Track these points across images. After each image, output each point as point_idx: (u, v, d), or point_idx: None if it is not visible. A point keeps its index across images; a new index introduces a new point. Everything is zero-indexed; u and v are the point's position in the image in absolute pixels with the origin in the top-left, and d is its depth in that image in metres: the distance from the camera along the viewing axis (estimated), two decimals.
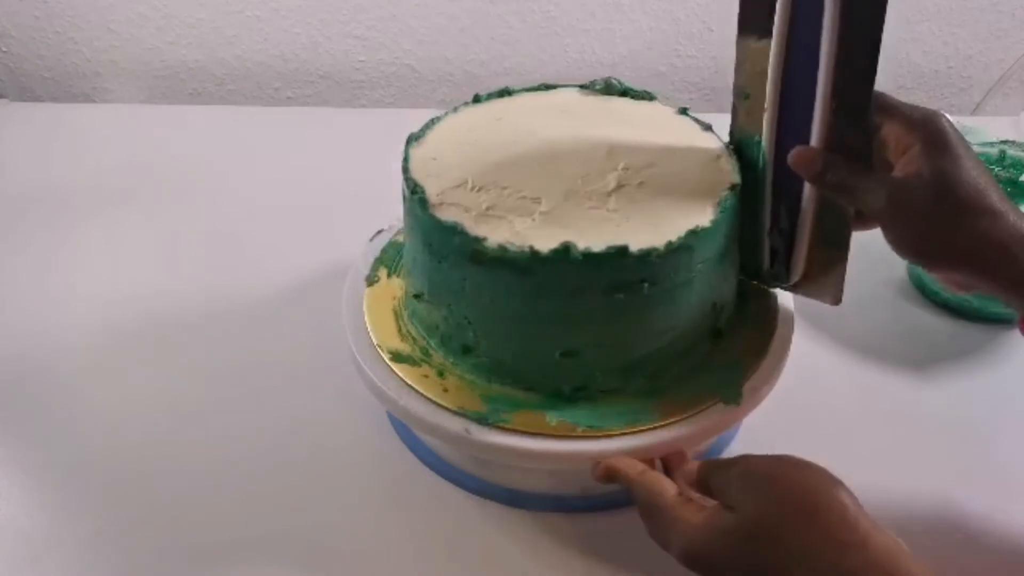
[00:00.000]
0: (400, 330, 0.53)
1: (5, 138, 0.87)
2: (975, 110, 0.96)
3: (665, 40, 0.93)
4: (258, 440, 0.57)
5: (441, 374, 0.50)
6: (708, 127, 0.53)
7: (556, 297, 0.46)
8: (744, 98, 0.49)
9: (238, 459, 0.56)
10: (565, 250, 0.44)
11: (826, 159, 0.46)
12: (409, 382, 0.50)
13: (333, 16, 0.92)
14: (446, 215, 0.47)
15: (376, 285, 0.56)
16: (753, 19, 0.46)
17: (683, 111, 0.55)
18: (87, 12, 0.92)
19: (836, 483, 0.40)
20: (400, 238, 0.59)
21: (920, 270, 0.66)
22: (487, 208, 0.47)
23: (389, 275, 0.57)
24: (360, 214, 0.62)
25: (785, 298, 0.55)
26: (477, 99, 0.56)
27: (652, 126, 0.54)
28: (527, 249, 0.44)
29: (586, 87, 0.58)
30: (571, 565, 0.50)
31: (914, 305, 0.68)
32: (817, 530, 0.38)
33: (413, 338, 0.53)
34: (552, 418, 0.48)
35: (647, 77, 0.95)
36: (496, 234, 0.45)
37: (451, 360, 0.51)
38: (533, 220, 0.46)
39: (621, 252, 0.44)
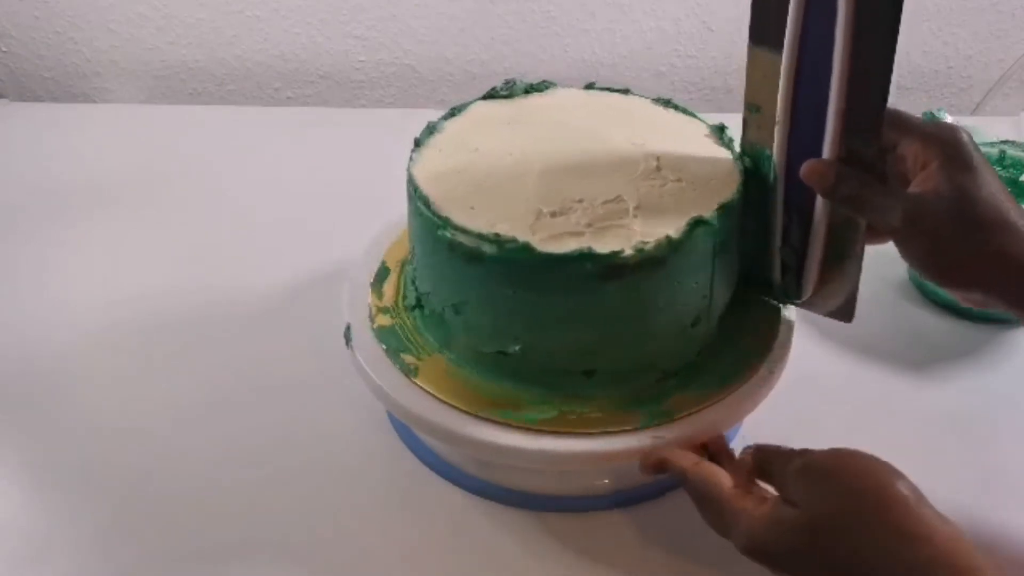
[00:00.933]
0: (401, 329, 0.53)
1: (5, 138, 0.87)
2: (975, 110, 0.96)
3: (665, 40, 0.93)
4: (258, 440, 0.57)
5: (442, 373, 0.50)
6: (722, 128, 0.53)
7: (559, 297, 0.46)
8: (754, 111, 0.48)
9: (238, 459, 0.56)
10: (579, 254, 0.44)
11: (839, 172, 0.45)
12: (409, 381, 0.50)
13: (333, 16, 0.92)
14: (446, 213, 0.47)
15: (377, 284, 0.56)
16: (764, 30, 0.45)
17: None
18: (87, 12, 0.92)
19: (898, 475, 0.41)
20: (403, 238, 0.59)
21: None
22: (489, 208, 0.47)
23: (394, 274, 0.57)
24: (360, 214, 0.62)
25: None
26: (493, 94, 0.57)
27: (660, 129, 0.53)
28: (529, 249, 0.44)
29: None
30: (571, 565, 0.50)
31: (914, 305, 0.68)
32: (882, 524, 0.39)
33: (414, 337, 0.53)
34: (555, 418, 0.48)
35: (647, 77, 0.95)
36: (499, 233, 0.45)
37: (452, 359, 0.51)
38: (529, 220, 0.47)
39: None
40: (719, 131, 0.53)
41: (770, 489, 0.44)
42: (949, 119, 0.76)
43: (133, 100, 0.97)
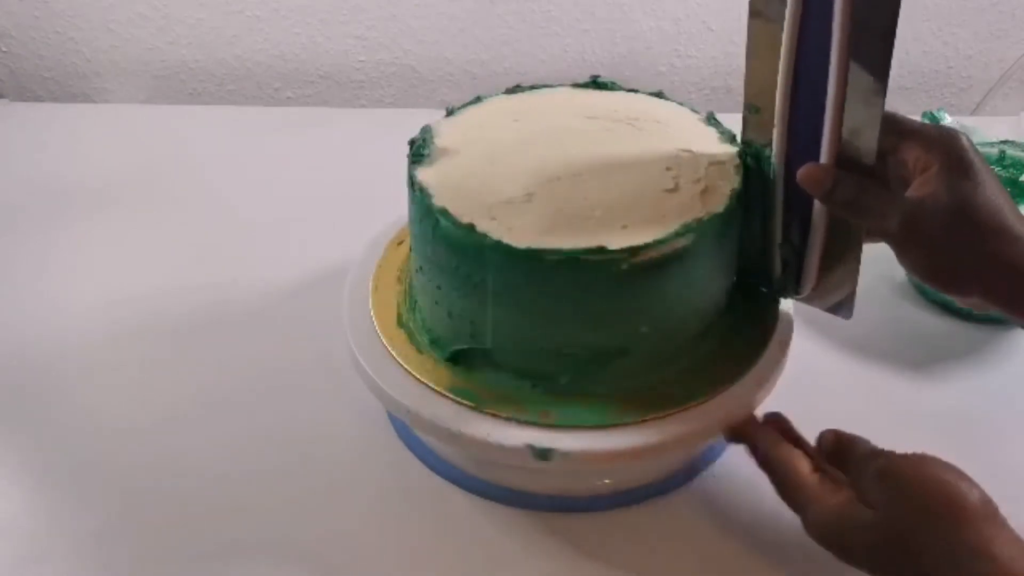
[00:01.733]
0: (402, 329, 0.53)
1: (5, 138, 0.87)
2: (975, 110, 0.96)
3: (665, 40, 0.93)
4: (258, 440, 0.57)
5: (442, 373, 0.50)
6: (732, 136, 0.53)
7: (562, 293, 0.46)
8: (754, 112, 0.48)
9: (238, 459, 0.56)
10: (591, 249, 0.44)
11: (836, 177, 0.45)
12: (409, 381, 0.50)
13: (333, 16, 0.92)
14: (450, 211, 0.47)
15: (378, 284, 0.56)
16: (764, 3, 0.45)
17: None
18: (87, 12, 0.92)
19: (974, 486, 0.42)
20: (403, 238, 0.59)
21: None
22: (490, 206, 0.47)
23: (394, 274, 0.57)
24: (361, 214, 0.63)
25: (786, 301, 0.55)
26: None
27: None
28: (529, 249, 0.45)
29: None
30: (571, 565, 0.50)
31: (913, 305, 0.68)
32: (959, 536, 0.40)
33: (415, 337, 0.53)
34: (557, 418, 0.48)
35: (648, 77, 0.95)
36: (498, 232, 0.45)
37: (452, 359, 0.51)
38: (526, 218, 0.47)
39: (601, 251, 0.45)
40: (715, 124, 0.54)
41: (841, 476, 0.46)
42: (949, 119, 0.76)
43: (133, 100, 0.97)
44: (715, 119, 0.54)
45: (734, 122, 0.52)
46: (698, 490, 0.54)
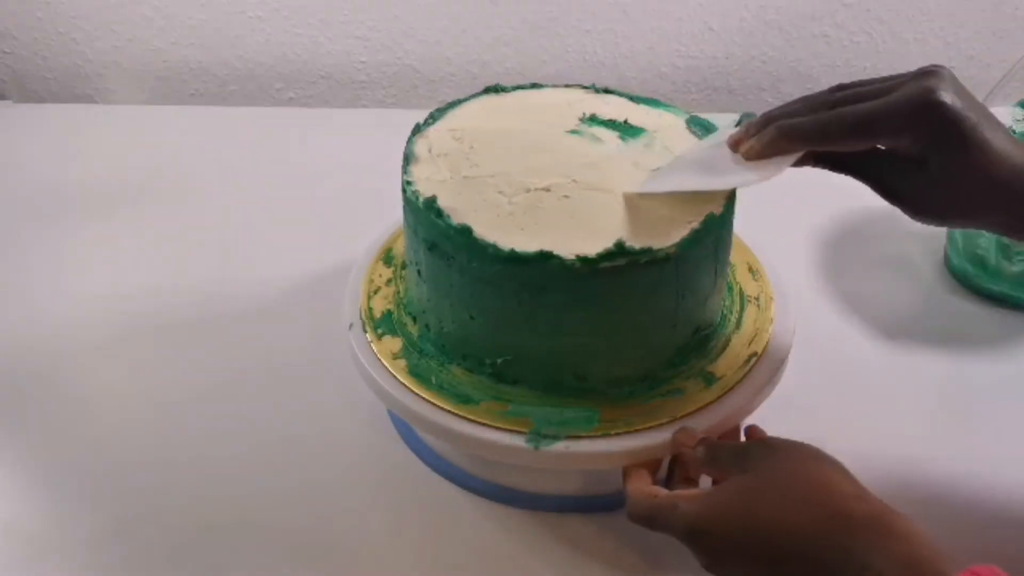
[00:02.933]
0: (401, 329, 0.53)
1: (8, 139, 0.87)
2: None
3: (667, 40, 0.93)
4: (259, 440, 0.57)
5: (442, 373, 0.50)
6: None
7: (555, 297, 0.46)
8: None
9: (239, 458, 0.56)
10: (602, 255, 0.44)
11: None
12: (409, 381, 0.50)
13: (334, 16, 0.92)
14: (416, 187, 0.47)
15: (378, 283, 0.56)
16: None
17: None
18: (89, 13, 0.92)
19: (832, 458, 0.43)
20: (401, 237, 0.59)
21: (959, 259, 0.68)
22: (478, 206, 0.47)
23: (389, 275, 0.57)
24: (361, 214, 0.63)
25: (785, 305, 0.55)
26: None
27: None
28: (528, 252, 0.44)
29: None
30: (571, 565, 0.50)
31: (950, 291, 0.69)
32: (819, 483, 0.40)
33: (414, 337, 0.53)
34: (485, 406, 0.48)
35: (649, 78, 0.95)
36: (490, 236, 0.45)
37: (452, 359, 0.51)
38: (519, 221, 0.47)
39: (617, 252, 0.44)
40: (695, 123, 0.54)
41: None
42: None
43: (135, 101, 0.98)
44: (698, 122, 0.54)
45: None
46: None
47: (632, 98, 0.56)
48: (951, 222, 0.45)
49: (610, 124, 0.54)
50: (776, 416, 0.51)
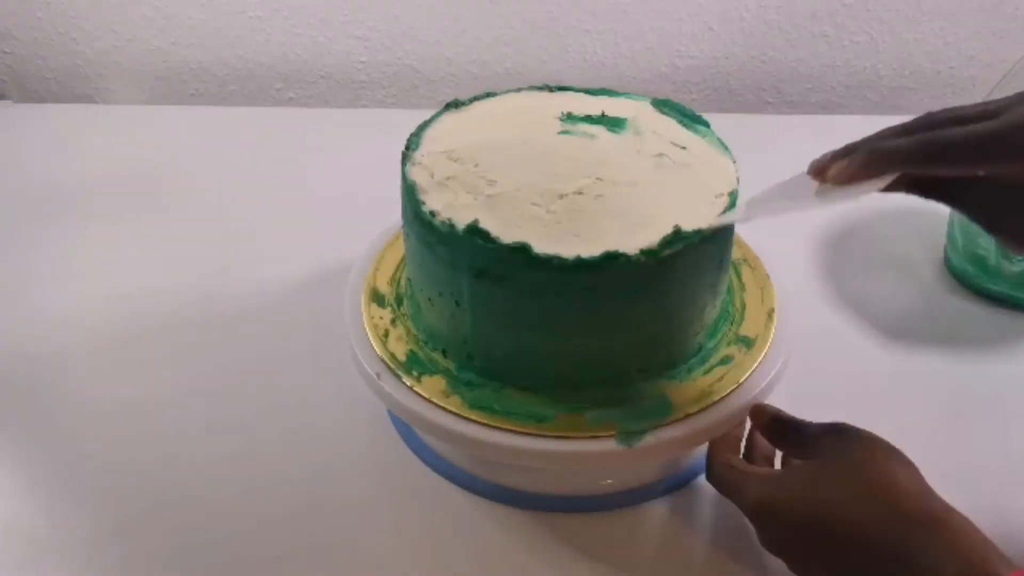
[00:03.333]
0: (401, 329, 0.53)
1: (8, 139, 0.87)
2: None
3: (667, 41, 0.93)
4: (259, 440, 0.57)
5: (502, 399, 0.49)
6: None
7: (620, 295, 0.46)
8: None
9: (238, 459, 0.56)
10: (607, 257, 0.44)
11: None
12: (474, 414, 0.49)
13: (335, 17, 0.92)
14: (444, 216, 0.46)
15: (378, 283, 0.56)
16: None
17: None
18: (89, 13, 0.92)
19: (903, 455, 0.44)
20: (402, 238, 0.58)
21: (959, 259, 0.68)
22: (519, 221, 0.46)
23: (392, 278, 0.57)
24: (361, 214, 0.63)
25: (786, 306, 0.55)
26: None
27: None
28: (528, 254, 0.44)
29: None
30: (571, 565, 0.50)
31: (951, 292, 0.69)
32: (885, 480, 0.42)
33: (414, 337, 0.52)
34: (562, 419, 0.48)
35: (649, 78, 0.95)
36: (549, 248, 0.45)
37: (507, 382, 0.50)
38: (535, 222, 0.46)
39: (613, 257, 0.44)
40: (661, 105, 0.55)
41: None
42: None
43: (135, 101, 0.98)
44: (664, 104, 0.55)
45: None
46: (699, 490, 0.54)
47: (589, 91, 0.56)
48: None
49: (591, 120, 0.53)
50: None
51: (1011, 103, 0.39)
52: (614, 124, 0.53)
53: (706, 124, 0.54)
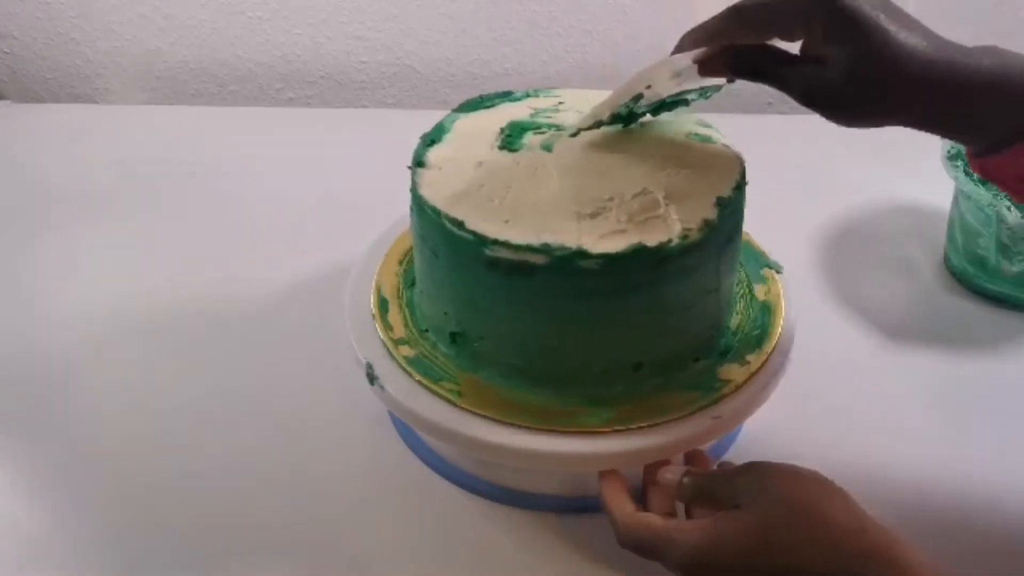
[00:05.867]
0: (404, 329, 0.53)
1: (7, 139, 0.87)
2: None
3: (667, 40, 0.93)
4: (259, 440, 0.57)
5: (485, 393, 0.49)
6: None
7: (563, 299, 0.46)
8: None
9: (239, 458, 0.56)
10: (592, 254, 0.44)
11: (736, 53, 0.45)
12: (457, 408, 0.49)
13: (334, 17, 0.92)
14: (455, 215, 0.46)
15: (379, 283, 0.56)
16: None
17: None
18: (89, 13, 0.92)
19: (833, 483, 0.42)
20: (405, 237, 0.59)
21: (959, 259, 0.68)
22: (494, 212, 0.47)
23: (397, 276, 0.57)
24: (362, 214, 0.63)
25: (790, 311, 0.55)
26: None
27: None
28: (583, 253, 0.44)
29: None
30: (571, 565, 0.50)
31: (949, 291, 0.69)
32: (822, 518, 0.40)
33: (417, 337, 0.52)
34: (616, 417, 0.48)
35: None
36: (494, 232, 0.45)
37: (454, 360, 0.51)
38: (571, 224, 0.46)
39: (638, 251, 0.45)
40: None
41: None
42: None
43: (135, 101, 0.98)
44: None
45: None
46: None
47: (510, 99, 0.56)
48: (873, 121, 0.43)
49: (552, 126, 0.53)
50: (775, 416, 0.52)
51: None
52: (555, 123, 0.53)
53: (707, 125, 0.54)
